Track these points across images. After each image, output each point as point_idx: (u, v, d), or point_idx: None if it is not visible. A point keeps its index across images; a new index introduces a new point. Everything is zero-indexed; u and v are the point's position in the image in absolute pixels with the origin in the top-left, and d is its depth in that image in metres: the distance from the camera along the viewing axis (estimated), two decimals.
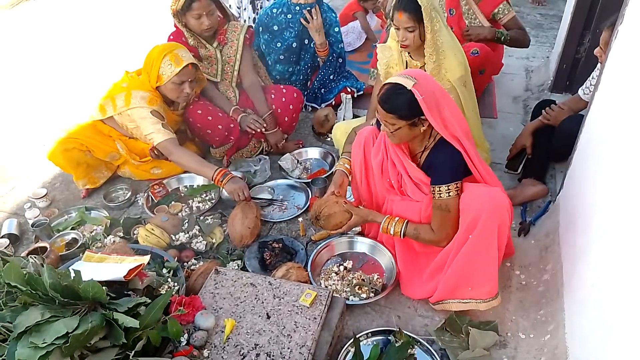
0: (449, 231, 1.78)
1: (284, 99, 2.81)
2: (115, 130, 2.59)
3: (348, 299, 1.92)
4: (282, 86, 2.92)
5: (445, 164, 1.74)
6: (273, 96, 2.83)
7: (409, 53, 2.39)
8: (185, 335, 1.55)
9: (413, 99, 1.62)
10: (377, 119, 1.91)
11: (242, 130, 2.74)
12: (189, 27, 2.62)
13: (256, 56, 3.03)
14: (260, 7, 3.51)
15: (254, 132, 2.74)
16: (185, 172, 2.72)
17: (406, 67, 2.46)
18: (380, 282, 2.01)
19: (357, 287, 1.97)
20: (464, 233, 1.71)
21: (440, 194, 1.73)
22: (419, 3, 2.13)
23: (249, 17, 3.56)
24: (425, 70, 2.34)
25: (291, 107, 2.83)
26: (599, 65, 2.33)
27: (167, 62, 2.37)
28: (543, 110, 2.53)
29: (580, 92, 2.46)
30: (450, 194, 1.72)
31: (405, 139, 1.78)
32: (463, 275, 1.76)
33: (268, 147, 2.90)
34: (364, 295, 1.94)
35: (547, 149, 2.51)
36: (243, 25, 2.77)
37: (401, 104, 1.64)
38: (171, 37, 2.69)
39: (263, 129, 2.74)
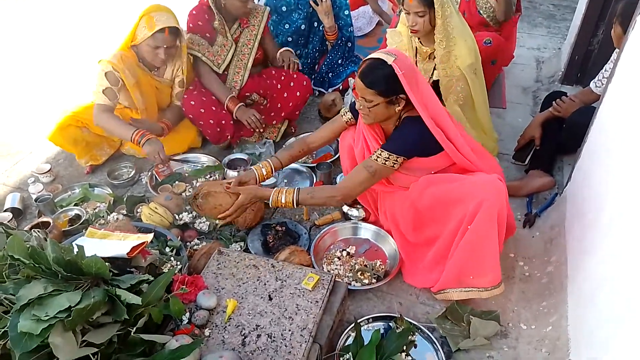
0: (351, 191, 1.82)
1: (292, 84, 2.77)
2: (121, 105, 2.58)
3: (350, 284, 1.92)
4: (293, 72, 2.88)
5: (402, 136, 1.77)
6: (283, 78, 2.79)
7: (418, 39, 2.36)
8: (187, 314, 1.55)
9: (393, 73, 1.63)
10: (350, 106, 1.92)
11: (237, 120, 2.67)
12: (227, 5, 2.55)
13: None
14: None
15: (250, 127, 2.66)
16: (190, 152, 2.72)
17: (416, 53, 2.43)
18: (382, 268, 2.00)
19: (360, 272, 1.97)
20: (466, 223, 1.69)
21: (378, 157, 1.76)
22: None
23: None
24: (435, 57, 2.31)
25: (298, 93, 2.79)
26: (612, 57, 2.30)
27: (142, 24, 2.35)
28: (553, 102, 2.49)
29: (592, 84, 2.42)
30: (387, 162, 1.75)
31: (379, 118, 1.78)
32: (465, 265, 1.75)
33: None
34: (366, 281, 1.94)
35: (555, 141, 2.49)
36: (265, 10, 2.74)
37: (381, 78, 1.65)
38: (193, 11, 2.61)
39: (261, 130, 2.68)
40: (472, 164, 1.78)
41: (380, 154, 1.76)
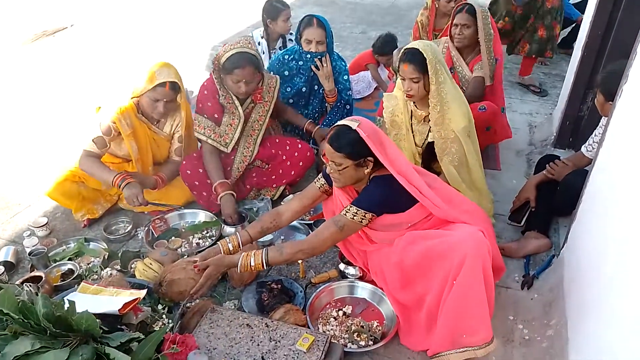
0: (319, 244, 1.87)
1: (296, 154, 2.82)
2: (111, 155, 2.67)
3: (346, 346, 1.86)
4: (299, 141, 2.93)
5: (370, 193, 1.86)
6: (287, 148, 2.83)
7: (414, 102, 2.45)
8: None
9: (359, 137, 1.77)
10: (323, 173, 2.02)
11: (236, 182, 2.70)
12: (225, 85, 2.59)
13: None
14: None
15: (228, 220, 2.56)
16: (187, 207, 2.74)
17: (411, 116, 2.52)
18: (379, 329, 1.96)
19: (356, 333, 1.92)
20: (451, 278, 1.70)
21: (347, 212, 1.84)
22: (424, 56, 2.21)
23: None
24: (430, 120, 2.39)
25: (301, 163, 2.83)
26: (601, 122, 2.38)
27: (145, 77, 2.46)
28: (547, 165, 2.55)
29: (583, 149, 2.49)
30: (355, 217, 1.83)
31: (350, 181, 1.89)
32: (455, 323, 1.73)
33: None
34: (363, 343, 1.89)
35: (550, 203, 2.51)
36: (276, 81, 2.77)
37: (348, 142, 1.79)
38: (204, 91, 2.63)
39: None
40: (448, 215, 1.83)
41: (349, 209, 1.85)
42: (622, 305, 1.39)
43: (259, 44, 3.69)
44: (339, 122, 1.85)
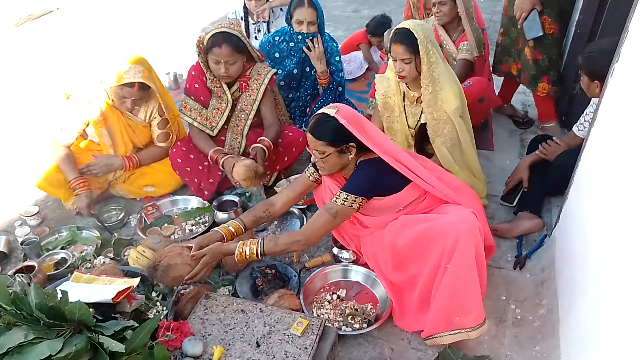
0: (314, 233, 1.88)
1: (288, 141, 2.78)
2: (93, 142, 2.66)
3: (340, 329, 1.88)
4: (290, 127, 2.90)
5: (358, 177, 1.87)
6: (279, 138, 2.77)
7: (406, 84, 2.43)
8: None
9: (339, 124, 1.78)
10: (313, 162, 2.00)
11: (224, 172, 2.59)
12: (210, 68, 2.51)
13: (277, 92, 2.93)
14: (257, 31, 3.59)
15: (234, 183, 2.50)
16: (179, 194, 2.72)
17: (404, 97, 2.50)
18: (373, 312, 1.97)
19: (350, 317, 1.94)
20: (445, 261, 1.71)
21: (337, 198, 1.84)
22: (415, 36, 2.18)
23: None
24: (422, 100, 2.37)
25: (294, 149, 2.80)
26: (592, 101, 2.37)
27: (113, 71, 2.41)
28: (539, 145, 2.55)
29: (575, 129, 2.48)
30: (345, 203, 1.83)
31: (334, 168, 1.90)
32: (449, 305, 1.75)
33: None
34: (357, 326, 1.91)
35: (542, 183, 2.52)
36: (269, 72, 2.64)
37: (328, 129, 1.80)
38: (192, 72, 2.60)
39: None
40: (441, 193, 1.84)
41: (339, 196, 1.85)
42: (611, 285, 1.41)
43: (241, 18, 3.61)
44: (319, 111, 1.86)
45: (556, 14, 2.80)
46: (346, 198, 1.84)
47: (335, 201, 1.85)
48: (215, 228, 2.04)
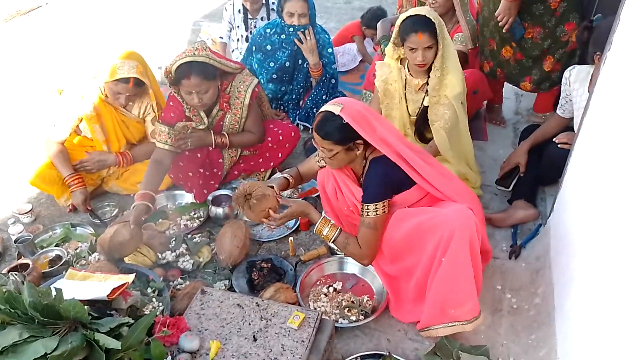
0: (373, 250, 1.87)
1: (281, 137, 2.75)
2: (86, 138, 2.63)
3: (337, 321, 1.88)
4: (282, 122, 2.87)
5: (374, 182, 1.83)
6: (272, 131, 2.74)
7: (409, 70, 2.41)
8: (169, 358, 1.51)
9: (344, 122, 1.73)
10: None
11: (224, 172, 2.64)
12: (184, 98, 2.38)
13: (263, 94, 2.82)
14: (254, 27, 3.53)
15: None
16: (174, 189, 2.71)
17: (405, 85, 2.47)
18: (370, 304, 1.98)
19: (347, 309, 1.94)
20: (440, 254, 1.71)
21: (367, 212, 1.81)
22: (433, 21, 2.17)
23: (242, 36, 3.58)
24: (427, 86, 2.34)
25: (287, 145, 2.78)
26: (563, 87, 2.37)
27: (107, 66, 2.39)
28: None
29: (558, 111, 2.48)
30: (377, 212, 1.80)
31: (343, 163, 1.88)
32: (444, 297, 1.75)
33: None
34: (354, 318, 1.91)
35: (536, 172, 2.52)
36: (249, 86, 2.51)
37: (333, 129, 1.76)
38: (170, 102, 2.45)
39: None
40: (441, 193, 1.83)
41: (367, 209, 1.81)
42: (605, 272, 1.42)
43: (239, 11, 3.56)
44: (323, 107, 1.81)
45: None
46: (375, 208, 1.80)
47: (368, 215, 1.81)
48: (279, 175, 2.13)
